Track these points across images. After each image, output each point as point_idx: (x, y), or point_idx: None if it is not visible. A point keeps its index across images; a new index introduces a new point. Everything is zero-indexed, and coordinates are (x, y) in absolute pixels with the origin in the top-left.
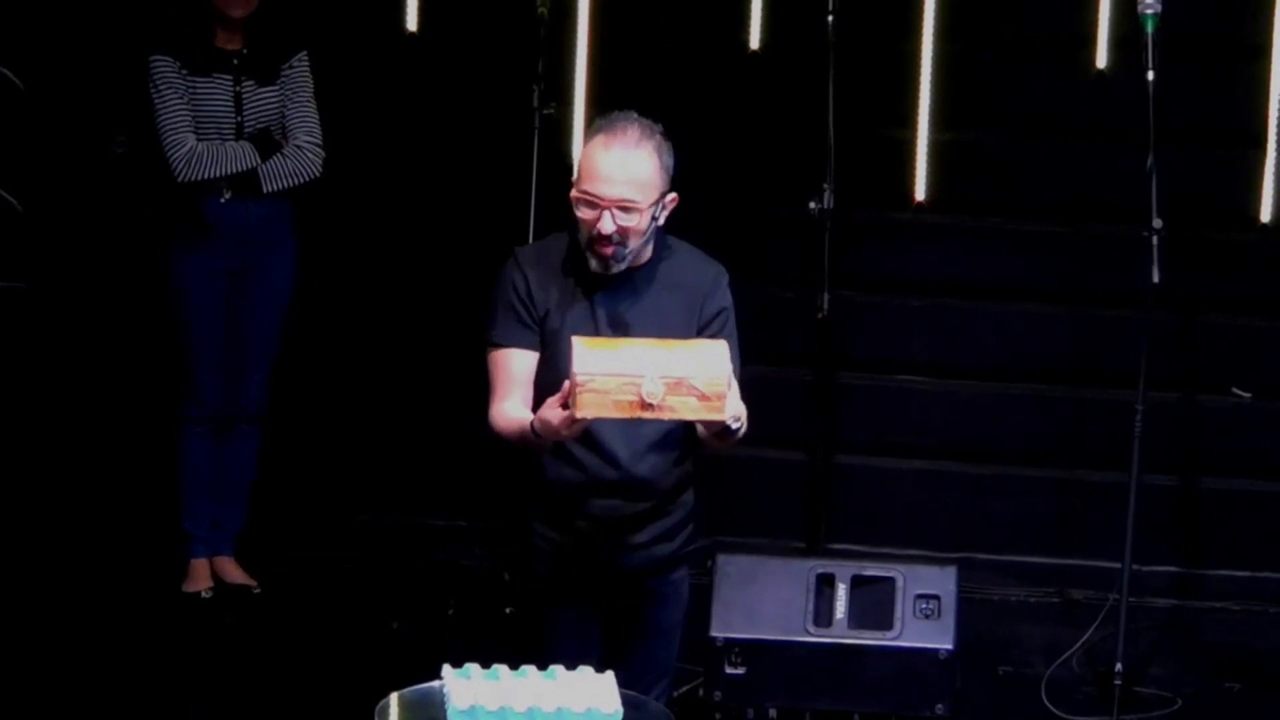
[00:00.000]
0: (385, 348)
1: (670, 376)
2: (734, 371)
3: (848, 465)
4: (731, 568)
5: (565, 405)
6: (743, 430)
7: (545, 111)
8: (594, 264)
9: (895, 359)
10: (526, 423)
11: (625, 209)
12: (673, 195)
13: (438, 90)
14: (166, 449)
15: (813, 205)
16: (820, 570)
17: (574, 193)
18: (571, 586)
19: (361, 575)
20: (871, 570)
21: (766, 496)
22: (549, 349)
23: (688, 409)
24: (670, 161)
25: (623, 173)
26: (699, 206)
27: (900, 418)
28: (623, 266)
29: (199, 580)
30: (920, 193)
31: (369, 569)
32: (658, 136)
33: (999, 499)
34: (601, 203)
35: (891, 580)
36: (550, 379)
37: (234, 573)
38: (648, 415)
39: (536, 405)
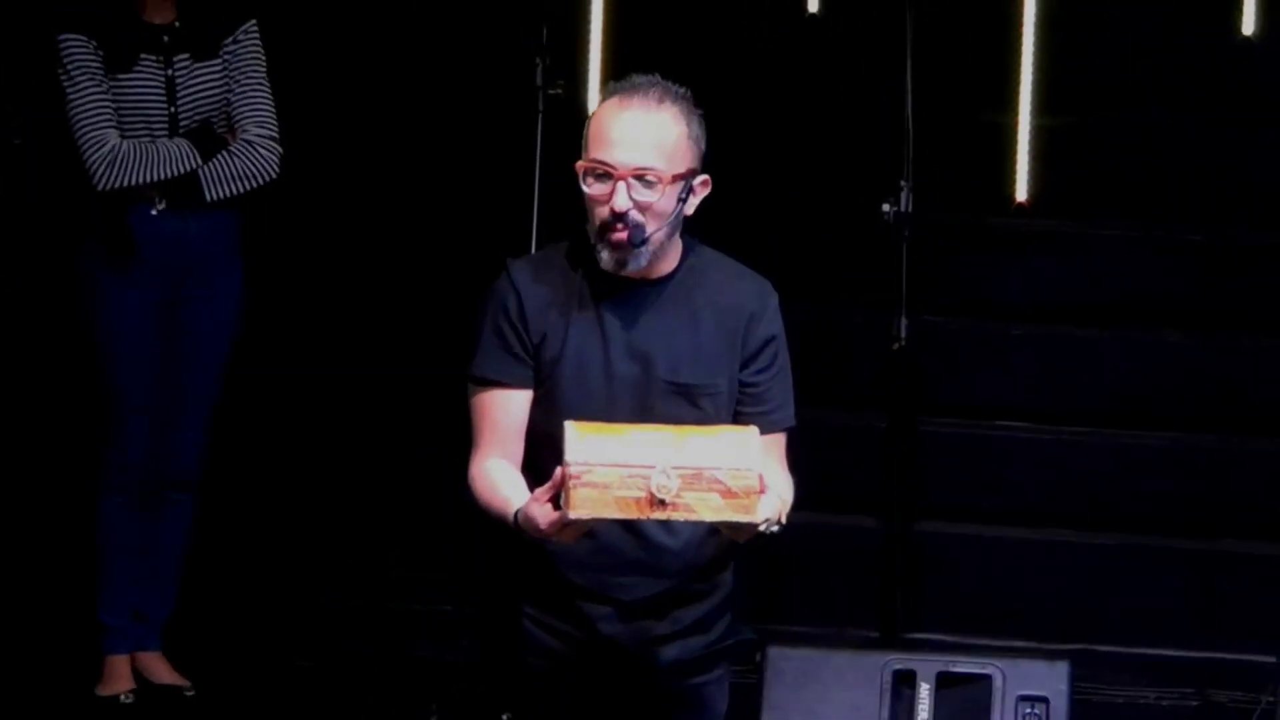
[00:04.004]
0: (350, 394)
1: (687, 468)
2: (788, 418)
3: (932, 534)
4: (786, 664)
5: (556, 501)
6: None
7: (551, 92)
8: (605, 258)
9: (991, 401)
10: (510, 511)
11: (644, 179)
12: (703, 177)
13: (423, 69)
14: (82, 522)
15: (886, 207)
16: (898, 666)
17: (581, 164)
18: (578, 688)
19: (321, 673)
20: (962, 666)
21: (830, 573)
22: (545, 385)
23: (709, 508)
24: (700, 134)
25: (641, 135)
26: (743, 208)
27: (998, 474)
28: (641, 264)
29: (118, 681)
30: (1021, 192)
31: (331, 666)
32: (685, 101)
33: (1123, 576)
34: (615, 172)
35: (988, 678)
36: (545, 423)
37: (161, 671)
38: (659, 515)
39: (528, 455)
